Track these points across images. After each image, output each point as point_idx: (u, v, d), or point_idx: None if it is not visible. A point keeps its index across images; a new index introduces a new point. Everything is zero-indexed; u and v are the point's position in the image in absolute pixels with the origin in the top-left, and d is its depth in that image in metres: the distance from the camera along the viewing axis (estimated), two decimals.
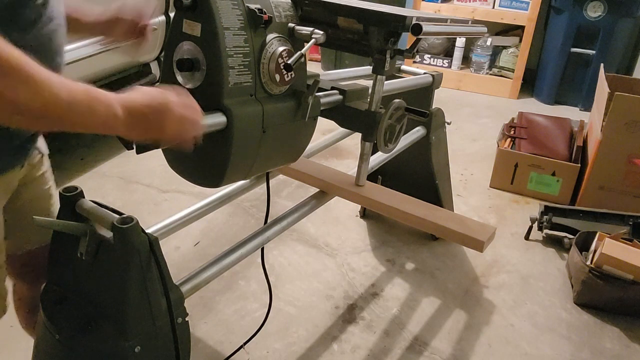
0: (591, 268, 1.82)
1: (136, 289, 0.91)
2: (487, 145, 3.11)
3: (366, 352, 1.65)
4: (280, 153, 1.19)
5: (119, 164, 2.68)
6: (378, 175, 2.15)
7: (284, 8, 1.10)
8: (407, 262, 2.07)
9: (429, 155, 1.91)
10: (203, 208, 1.35)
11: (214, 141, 1.02)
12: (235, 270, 1.94)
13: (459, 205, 2.45)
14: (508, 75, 4.02)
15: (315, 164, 1.52)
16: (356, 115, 1.34)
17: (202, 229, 2.19)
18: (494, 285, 1.97)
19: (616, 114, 2.25)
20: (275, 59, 1.05)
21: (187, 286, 1.05)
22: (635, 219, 2.15)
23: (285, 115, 1.12)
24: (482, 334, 1.74)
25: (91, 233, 0.93)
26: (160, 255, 0.93)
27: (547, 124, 2.77)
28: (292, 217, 1.33)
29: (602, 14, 3.54)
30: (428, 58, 4.22)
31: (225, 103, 0.98)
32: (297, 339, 1.68)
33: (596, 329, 1.79)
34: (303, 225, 2.24)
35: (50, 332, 0.96)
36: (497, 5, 3.90)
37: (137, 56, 1.28)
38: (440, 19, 1.42)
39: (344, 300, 1.85)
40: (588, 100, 3.69)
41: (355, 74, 1.73)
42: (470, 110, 3.71)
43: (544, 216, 2.21)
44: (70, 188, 0.99)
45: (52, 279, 1.04)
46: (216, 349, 1.63)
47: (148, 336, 0.94)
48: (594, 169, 2.37)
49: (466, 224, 1.33)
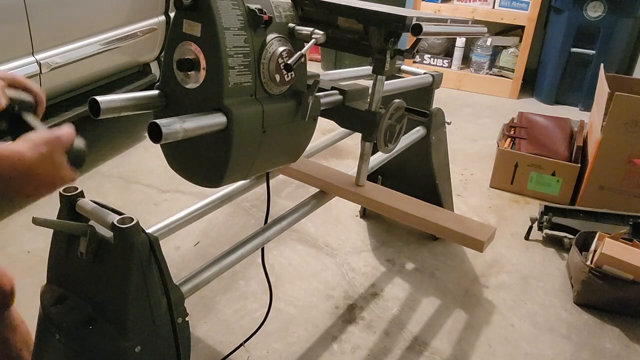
0: (591, 268, 1.82)
1: (136, 289, 0.91)
2: (487, 145, 3.11)
3: (366, 352, 1.65)
4: (280, 153, 1.19)
5: (119, 164, 2.68)
6: (378, 175, 2.15)
7: (284, 8, 1.10)
8: (407, 262, 2.07)
9: (429, 155, 1.91)
10: (203, 208, 1.36)
11: (214, 141, 1.02)
12: (235, 270, 1.94)
13: (459, 205, 2.45)
14: (508, 75, 4.02)
15: (315, 164, 1.52)
16: (356, 115, 1.34)
17: (202, 229, 2.19)
18: (494, 285, 1.97)
19: (616, 114, 2.25)
20: (275, 59, 1.05)
21: (187, 286, 1.05)
22: (635, 219, 2.15)
23: (285, 115, 1.12)
24: (482, 334, 1.74)
25: (91, 233, 0.93)
26: (160, 255, 0.93)
27: (547, 124, 2.77)
28: (292, 217, 1.33)
29: (602, 14, 3.54)
30: (428, 58, 4.22)
31: (226, 103, 0.98)
32: (297, 339, 1.68)
33: (596, 329, 1.79)
34: (303, 225, 2.24)
35: (50, 332, 0.96)
36: (497, 5, 3.90)
37: None
38: (440, 19, 1.42)
39: (344, 300, 1.86)
40: (588, 100, 3.69)
41: (355, 74, 1.73)
42: (470, 110, 3.71)
43: (544, 216, 2.21)
44: (70, 188, 0.99)
45: (52, 279, 1.04)
46: (216, 348, 1.63)
47: (148, 336, 0.94)
48: (594, 169, 2.37)
49: (466, 224, 1.33)
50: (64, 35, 2.30)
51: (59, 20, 2.24)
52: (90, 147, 2.82)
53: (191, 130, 0.92)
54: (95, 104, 0.93)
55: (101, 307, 0.95)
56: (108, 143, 2.88)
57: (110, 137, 2.96)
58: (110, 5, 2.51)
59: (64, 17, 2.26)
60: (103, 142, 2.88)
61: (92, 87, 2.66)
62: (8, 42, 2.04)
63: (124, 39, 2.61)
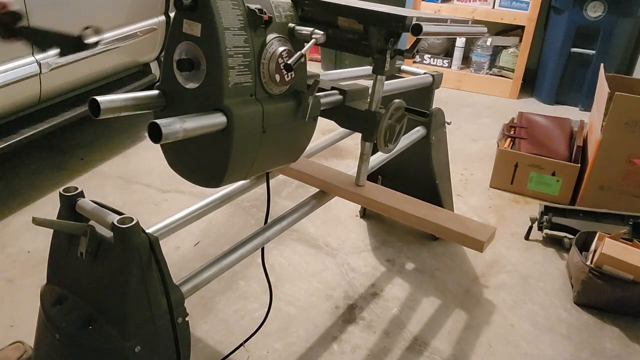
0: (591, 268, 1.82)
1: (136, 289, 0.91)
2: (487, 145, 3.11)
3: (366, 352, 1.65)
4: (280, 153, 1.19)
5: (119, 164, 2.68)
6: (378, 175, 2.15)
7: (284, 8, 1.10)
8: (407, 262, 2.07)
9: (429, 155, 1.91)
10: (203, 208, 1.36)
11: (214, 141, 1.02)
12: (235, 270, 1.94)
13: (459, 205, 2.45)
14: (508, 75, 4.02)
15: (315, 164, 1.52)
16: (356, 115, 1.34)
17: (202, 229, 2.19)
18: (494, 285, 1.97)
19: (616, 114, 2.25)
20: (275, 59, 1.05)
21: (187, 286, 1.05)
22: (635, 219, 2.15)
23: (285, 115, 1.12)
24: (482, 334, 1.74)
25: (91, 233, 0.93)
26: (160, 255, 0.93)
27: (547, 124, 2.77)
28: (292, 217, 1.33)
29: (602, 14, 3.54)
30: (428, 58, 4.22)
31: (226, 103, 0.98)
32: (297, 339, 1.68)
33: (596, 329, 1.79)
34: (303, 225, 2.24)
35: (50, 332, 0.96)
36: (497, 5, 3.90)
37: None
38: (440, 19, 1.42)
39: (344, 300, 1.86)
40: (588, 100, 3.69)
41: (355, 74, 1.73)
42: (470, 110, 3.71)
43: (544, 216, 2.21)
44: (70, 188, 0.99)
45: (52, 279, 1.04)
46: (216, 348, 1.63)
47: (148, 336, 0.94)
48: (594, 169, 2.37)
49: (466, 224, 1.33)
50: None
51: (58, 20, 2.24)
52: (90, 147, 2.83)
53: (191, 130, 0.92)
54: (95, 104, 0.93)
55: (101, 307, 0.95)
56: (108, 143, 2.88)
57: (110, 137, 2.96)
58: (110, 6, 2.51)
59: (63, 17, 2.26)
60: (103, 142, 2.88)
61: (92, 87, 2.66)
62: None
63: (124, 39, 2.61)
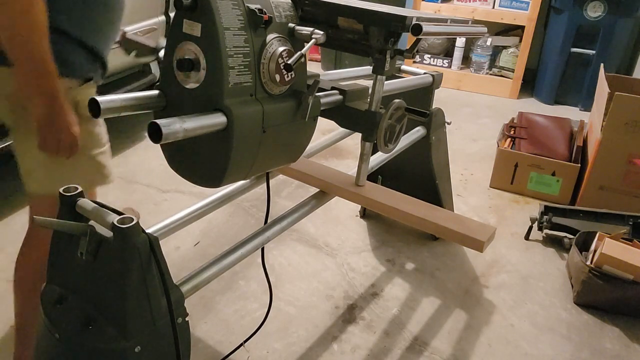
0: (591, 268, 1.82)
1: (136, 289, 0.91)
2: (487, 145, 3.11)
3: (366, 352, 1.65)
4: (280, 153, 1.19)
5: (119, 164, 2.68)
6: (378, 175, 2.15)
7: (284, 8, 1.10)
8: (407, 262, 2.07)
9: (429, 155, 1.91)
10: (203, 208, 1.35)
11: (214, 141, 1.02)
12: (235, 270, 1.94)
13: (459, 205, 2.45)
14: (508, 75, 4.02)
15: (315, 164, 1.52)
16: (356, 115, 1.34)
17: (202, 229, 2.19)
18: (494, 285, 1.97)
19: (616, 114, 2.25)
20: (275, 59, 1.05)
21: (187, 286, 1.05)
22: (635, 219, 2.15)
23: (285, 115, 1.12)
24: (482, 334, 1.74)
25: (91, 233, 0.93)
26: (160, 255, 0.93)
27: (547, 124, 2.77)
28: (292, 217, 1.33)
29: (602, 14, 3.54)
30: (428, 58, 4.22)
31: (226, 103, 0.98)
32: (297, 339, 1.68)
33: (596, 329, 1.79)
34: (303, 225, 2.24)
35: (50, 332, 0.96)
36: (497, 5, 3.90)
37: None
38: (440, 19, 1.42)
39: (344, 300, 1.86)
40: (588, 100, 3.69)
41: (355, 74, 1.73)
42: (470, 110, 3.71)
43: (544, 216, 2.21)
44: (70, 188, 0.99)
45: (52, 279, 1.04)
46: (216, 348, 1.63)
47: (148, 336, 0.94)
48: (594, 169, 2.37)
49: (466, 224, 1.33)
50: None
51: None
52: None
53: (191, 130, 0.92)
54: (95, 104, 0.93)
55: (101, 307, 0.95)
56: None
57: (110, 137, 2.95)
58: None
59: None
60: None
61: None
62: None
63: None
